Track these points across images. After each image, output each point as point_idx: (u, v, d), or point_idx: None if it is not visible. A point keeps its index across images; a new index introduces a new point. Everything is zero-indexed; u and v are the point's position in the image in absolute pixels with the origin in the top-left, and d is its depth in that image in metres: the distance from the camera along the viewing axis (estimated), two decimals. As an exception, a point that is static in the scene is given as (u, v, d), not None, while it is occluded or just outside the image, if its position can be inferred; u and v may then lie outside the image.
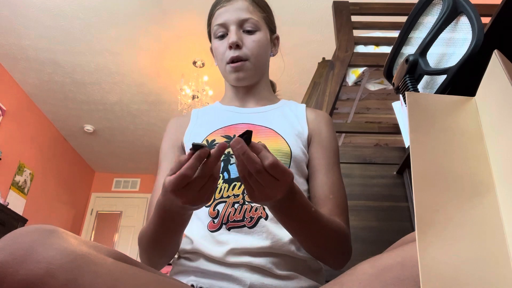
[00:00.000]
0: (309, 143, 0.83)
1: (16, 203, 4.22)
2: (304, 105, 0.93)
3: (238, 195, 0.74)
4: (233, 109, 0.89)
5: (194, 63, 3.88)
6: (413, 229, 1.36)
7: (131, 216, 5.91)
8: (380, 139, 2.37)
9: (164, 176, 0.84)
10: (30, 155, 4.53)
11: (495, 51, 0.33)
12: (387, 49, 1.86)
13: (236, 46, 0.83)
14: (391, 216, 1.34)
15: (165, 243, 0.68)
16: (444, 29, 0.77)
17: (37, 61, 3.88)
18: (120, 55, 3.79)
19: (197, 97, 3.92)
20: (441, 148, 0.25)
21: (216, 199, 0.74)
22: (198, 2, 3.22)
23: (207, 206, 0.75)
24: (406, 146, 1.36)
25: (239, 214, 0.72)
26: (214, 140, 0.81)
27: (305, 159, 0.80)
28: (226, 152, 0.75)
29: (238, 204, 0.73)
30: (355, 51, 1.84)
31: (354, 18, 1.99)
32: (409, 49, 0.84)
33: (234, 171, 0.76)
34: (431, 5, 0.81)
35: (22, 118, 4.35)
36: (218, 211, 0.73)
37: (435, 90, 0.79)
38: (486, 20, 1.01)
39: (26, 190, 4.45)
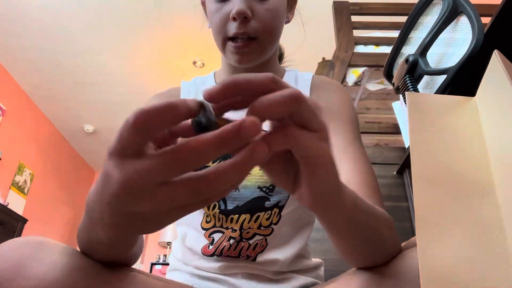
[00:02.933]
0: None
1: (16, 203, 4.22)
2: (310, 75, 0.75)
3: (235, 230, 0.63)
4: None
5: (194, 63, 3.88)
6: (413, 229, 1.36)
7: (131, 216, 5.91)
8: (380, 139, 2.37)
9: None
10: (30, 155, 4.53)
11: (495, 51, 0.33)
12: (387, 49, 1.86)
13: (244, 18, 0.61)
14: (391, 216, 1.34)
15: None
16: (444, 29, 0.77)
17: (37, 61, 3.88)
18: (120, 55, 3.79)
19: (197, 97, 3.92)
20: (441, 148, 0.25)
21: (216, 226, 0.65)
22: (198, 2, 3.21)
23: (204, 229, 0.65)
24: (406, 146, 1.36)
25: (234, 251, 0.64)
26: None
27: None
28: None
29: (234, 240, 0.63)
30: (355, 51, 1.84)
31: (354, 18, 1.99)
32: (409, 49, 0.84)
33: (230, 200, 0.64)
34: (431, 5, 0.81)
35: (22, 118, 4.35)
36: (213, 239, 0.65)
37: (435, 90, 0.79)
38: (486, 20, 1.01)
39: (26, 190, 4.45)
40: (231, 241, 0.63)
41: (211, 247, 0.65)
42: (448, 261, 0.20)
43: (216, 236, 0.64)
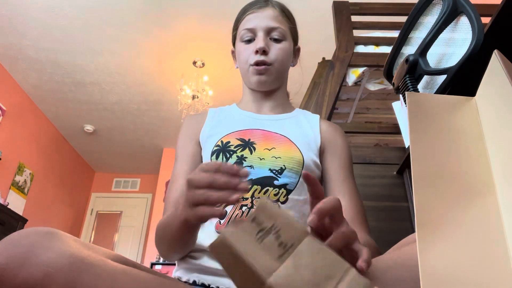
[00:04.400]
0: (321, 153, 0.86)
1: (16, 203, 4.22)
2: (318, 116, 0.96)
3: (246, 198, 0.74)
4: (250, 115, 0.91)
5: (194, 63, 3.88)
6: (413, 229, 1.36)
7: (131, 216, 5.91)
8: (380, 139, 2.37)
9: (181, 167, 0.84)
10: (30, 155, 4.53)
11: (495, 51, 0.33)
12: (387, 49, 1.86)
13: (263, 51, 0.86)
14: (391, 216, 1.34)
15: (179, 245, 0.67)
16: (444, 29, 0.77)
17: (37, 61, 3.88)
18: (120, 55, 3.79)
19: (197, 97, 3.92)
20: (441, 148, 0.25)
21: None
22: (198, 2, 3.22)
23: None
24: (406, 146, 1.36)
25: (246, 217, 0.72)
26: (228, 142, 0.82)
27: (315, 168, 0.82)
28: (239, 154, 0.78)
29: (246, 207, 0.74)
30: (355, 51, 1.84)
31: (354, 18, 1.98)
32: (409, 49, 0.84)
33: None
34: (431, 5, 0.80)
35: (22, 118, 4.35)
36: (226, 211, 0.73)
37: (435, 90, 0.79)
38: (486, 20, 1.01)
39: (26, 190, 4.45)
40: (243, 208, 0.74)
41: (222, 221, 0.73)
42: (448, 261, 0.20)
43: (228, 208, 0.75)
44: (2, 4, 3.21)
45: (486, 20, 1.01)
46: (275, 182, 0.76)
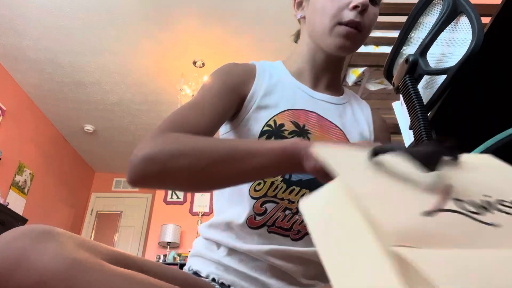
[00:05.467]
0: None
1: (16, 203, 4.22)
2: (368, 106, 0.85)
3: (293, 202, 0.67)
4: (306, 90, 0.77)
5: (194, 63, 3.88)
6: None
7: (131, 216, 5.91)
8: (380, 139, 2.37)
9: (212, 102, 0.67)
10: (30, 155, 4.53)
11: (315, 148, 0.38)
12: (387, 49, 1.86)
13: (363, 10, 0.69)
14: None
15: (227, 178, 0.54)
16: (444, 29, 0.77)
17: (37, 61, 3.88)
18: (120, 55, 3.79)
19: (197, 97, 3.92)
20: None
21: (268, 196, 0.67)
22: (198, 2, 3.22)
23: (254, 198, 0.67)
24: (406, 146, 1.36)
25: (287, 222, 0.67)
26: (283, 125, 0.70)
27: None
28: None
29: (290, 212, 0.67)
30: (355, 51, 1.84)
31: (354, 18, 1.98)
32: (409, 49, 0.84)
33: (295, 176, 0.68)
34: (431, 5, 0.80)
35: (22, 118, 4.35)
36: (266, 209, 0.67)
37: (435, 90, 0.79)
38: (486, 20, 1.01)
39: (26, 190, 4.45)
40: (287, 212, 0.67)
41: (258, 218, 0.66)
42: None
43: (269, 206, 0.67)
44: (2, 4, 3.21)
45: (486, 20, 1.01)
46: None
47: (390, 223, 0.24)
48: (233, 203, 0.70)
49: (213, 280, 0.66)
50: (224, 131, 0.79)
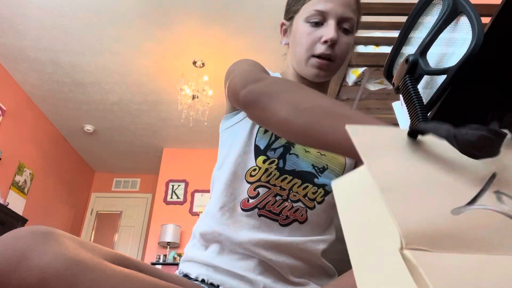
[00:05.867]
0: None
1: (16, 203, 4.22)
2: None
3: (284, 189, 0.72)
4: None
5: (194, 63, 3.88)
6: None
7: (131, 216, 5.91)
8: (380, 139, 2.37)
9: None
10: (30, 155, 4.53)
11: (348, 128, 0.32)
12: (387, 49, 1.86)
13: (332, 44, 0.76)
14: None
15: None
16: (444, 29, 0.77)
17: (37, 61, 3.88)
18: (120, 55, 3.79)
19: (197, 97, 3.92)
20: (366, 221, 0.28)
21: (262, 181, 0.72)
22: (198, 3, 3.22)
23: (249, 183, 0.73)
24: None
25: (277, 207, 0.72)
26: None
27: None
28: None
29: (280, 198, 0.72)
30: (355, 51, 1.84)
31: (354, 18, 1.98)
32: (409, 49, 0.84)
33: (290, 163, 0.73)
34: (431, 5, 0.80)
35: (22, 118, 4.35)
36: (258, 193, 0.72)
37: (435, 90, 0.79)
38: (486, 20, 1.01)
39: (26, 190, 4.45)
40: (277, 197, 0.72)
41: (251, 200, 0.71)
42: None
43: (262, 190, 0.72)
44: (2, 4, 3.21)
45: (486, 20, 1.01)
46: (315, 180, 0.75)
47: (406, 223, 0.23)
48: (229, 187, 0.74)
49: (203, 281, 0.68)
50: (226, 126, 0.83)
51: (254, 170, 0.72)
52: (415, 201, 0.25)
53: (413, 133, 0.31)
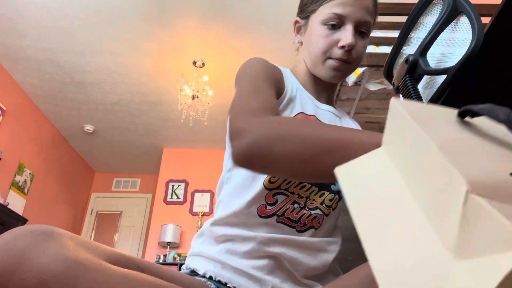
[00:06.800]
0: None
1: (16, 203, 4.22)
2: (356, 122, 0.94)
3: (302, 197, 0.72)
4: (312, 99, 0.83)
5: (194, 63, 3.88)
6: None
7: (131, 216, 5.91)
8: (380, 139, 2.37)
9: (268, 89, 0.68)
10: (30, 155, 4.53)
11: (392, 100, 0.33)
12: (387, 49, 1.86)
13: (350, 49, 0.76)
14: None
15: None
16: (444, 29, 0.77)
17: (37, 61, 3.88)
18: (120, 55, 3.79)
19: (197, 97, 3.92)
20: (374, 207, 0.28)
21: (281, 188, 0.71)
22: (198, 2, 3.22)
23: (267, 189, 0.71)
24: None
25: (296, 214, 0.71)
26: None
27: None
28: None
29: (298, 206, 0.72)
30: (355, 51, 1.84)
31: (354, 18, 1.98)
32: (409, 49, 0.84)
33: None
34: (431, 5, 0.80)
35: (22, 118, 4.35)
36: (277, 200, 0.71)
37: (435, 90, 0.79)
38: (486, 20, 1.01)
39: (26, 190, 4.45)
40: (295, 205, 0.71)
41: (269, 207, 0.70)
42: (394, 258, 0.24)
43: (280, 198, 0.71)
44: (2, 4, 3.21)
45: (486, 20, 1.01)
46: (332, 187, 0.75)
47: (471, 173, 0.22)
48: (242, 194, 0.72)
49: (210, 278, 0.67)
50: None
51: (274, 176, 0.70)
52: (473, 160, 0.25)
53: (464, 113, 0.31)
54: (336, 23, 0.76)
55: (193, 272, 0.71)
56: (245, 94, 0.65)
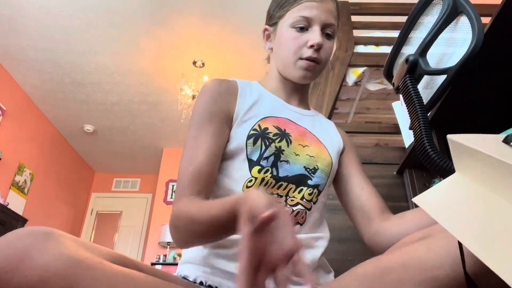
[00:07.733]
0: (340, 155, 0.90)
1: (16, 203, 4.22)
2: (332, 123, 0.98)
3: (281, 196, 0.74)
4: (281, 102, 0.87)
5: (194, 63, 3.88)
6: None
7: (131, 216, 5.91)
8: (380, 139, 2.37)
9: (206, 141, 0.74)
10: (30, 155, 4.53)
11: (448, 136, 0.38)
12: (387, 49, 1.86)
13: (318, 48, 0.81)
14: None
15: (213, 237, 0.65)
16: (444, 29, 0.77)
17: (37, 61, 3.88)
18: (120, 55, 3.79)
19: (197, 97, 3.92)
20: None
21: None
22: (198, 2, 3.22)
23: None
24: (406, 146, 1.36)
25: None
26: (267, 128, 0.78)
27: (335, 171, 0.87)
28: (277, 145, 0.76)
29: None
30: (355, 51, 1.84)
31: (354, 18, 1.98)
32: (409, 49, 0.84)
33: (282, 170, 0.76)
34: (431, 5, 0.80)
35: (22, 118, 4.35)
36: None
37: (435, 90, 0.79)
38: (486, 20, 1.01)
39: (26, 190, 4.45)
40: None
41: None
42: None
43: None
44: (2, 4, 3.21)
45: (486, 20, 1.01)
46: (309, 182, 0.78)
47: None
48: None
49: (201, 283, 0.68)
50: None
51: (250, 181, 0.73)
52: None
53: (508, 139, 0.35)
54: (304, 26, 0.82)
55: (185, 279, 0.72)
56: (187, 149, 0.74)
